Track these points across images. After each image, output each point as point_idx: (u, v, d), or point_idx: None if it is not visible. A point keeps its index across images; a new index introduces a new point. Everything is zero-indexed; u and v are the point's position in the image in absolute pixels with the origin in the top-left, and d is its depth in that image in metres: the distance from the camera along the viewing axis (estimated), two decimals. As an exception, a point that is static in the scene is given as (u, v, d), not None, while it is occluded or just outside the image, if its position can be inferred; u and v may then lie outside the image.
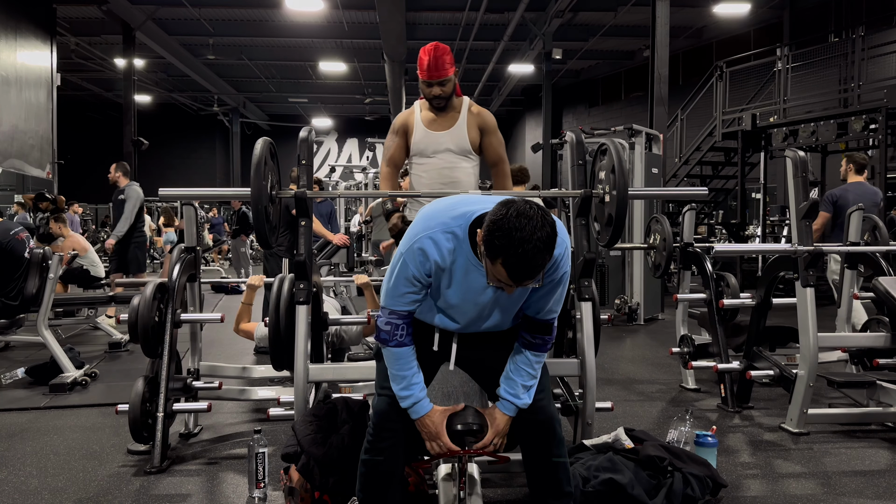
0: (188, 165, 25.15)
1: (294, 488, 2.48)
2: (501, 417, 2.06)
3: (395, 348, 2.01)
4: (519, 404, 2.05)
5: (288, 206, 3.91)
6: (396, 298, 1.99)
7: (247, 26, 15.46)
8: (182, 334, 3.39)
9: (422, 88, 3.11)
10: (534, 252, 1.72)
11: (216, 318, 3.44)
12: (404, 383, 2.01)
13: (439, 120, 3.17)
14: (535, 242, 1.71)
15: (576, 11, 14.15)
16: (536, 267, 1.75)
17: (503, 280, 1.79)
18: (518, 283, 1.78)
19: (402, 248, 1.96)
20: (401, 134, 3.23)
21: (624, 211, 2.78)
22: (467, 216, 1.91)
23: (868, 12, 12.45)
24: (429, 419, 2.01)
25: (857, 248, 4.24)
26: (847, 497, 2.79)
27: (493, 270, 1.79)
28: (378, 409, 2.09)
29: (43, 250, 4.93)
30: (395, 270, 1.97)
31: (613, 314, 7.31)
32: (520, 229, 1.71)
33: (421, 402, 2.02)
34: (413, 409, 2.02)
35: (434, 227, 1.92)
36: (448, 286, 1.98)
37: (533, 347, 2.06)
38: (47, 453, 3.28)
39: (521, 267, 1.73)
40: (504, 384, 2.07)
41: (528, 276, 1.76)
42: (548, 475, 2.12)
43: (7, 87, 10.08)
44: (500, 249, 1.73)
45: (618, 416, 3.76)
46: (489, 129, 3.22)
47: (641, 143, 7.54)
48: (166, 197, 3.07)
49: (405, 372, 2.01)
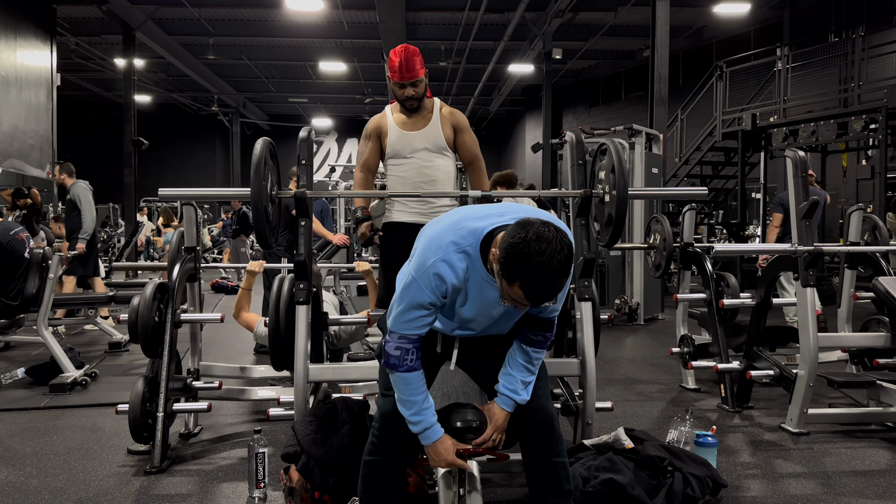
0: (188, 165, 25.15)
1: (294, 488, 2.48)
2: (500, 413, 2.04)
3: (406, 373, 1.94)
4: (518, 400, 2.04)
5: (288, 206, 3.92)
6: (407, 323, 1.92)
7: (247, 26, 15.45)
8: (182, 334, 3.39)
9: (394, 90, 3.16)
10: (553, 276, 1.70)
11: (216, 318, 3.44)
12: (415, 409, 1.96)
13: (412, 121, 3.21)
14: (555, 266, 1.69)
15: (576, 11, 14.14)
16: (555, 290, 1.74)
17: (519, 300, 1.77)
18: (536, 305, 1.78)
19: (415, 272, 1.89)
20: (374, 138, 3.26)
21: (624, 211, 2.78)
22: (477, 233, 1.88)
23: (868, 12, 12.45)
24: (441, 447, 1.98)
25: (857, 249, 4.24)
26: (847, 497, 2.79)
27: (509, 291, 1.76)
28: (383, 410, 2.07)
29: (43, 250, 4.93)
30: (408, 295, 1.90)
31: (613, 314, 7.31)
32: (540, 253, 1.68)
33: (432, 427, 1.97)
34: (424, 435, 1.97)
35: (445, 247, 1.87)
36: (462, 304, 1.96)
37: (533, 344, 2.06)
38: (47, 453, 3.28)
39: (541, 291, 1.72)
40: (503, 380, 2.06)
41: (547, 299, 1.75)
42: (547, 473, 2.12)
43: (7, 87, 10.08)
44: (518, 273, 1.70)
45: (618, 416, 3.76)
46: (462, 128, 3.27)
47: (641, 143, 7.54)
48: (166, 197, 3.07)
49: (416, 397, 1.95)
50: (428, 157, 3.19)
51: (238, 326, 4.23)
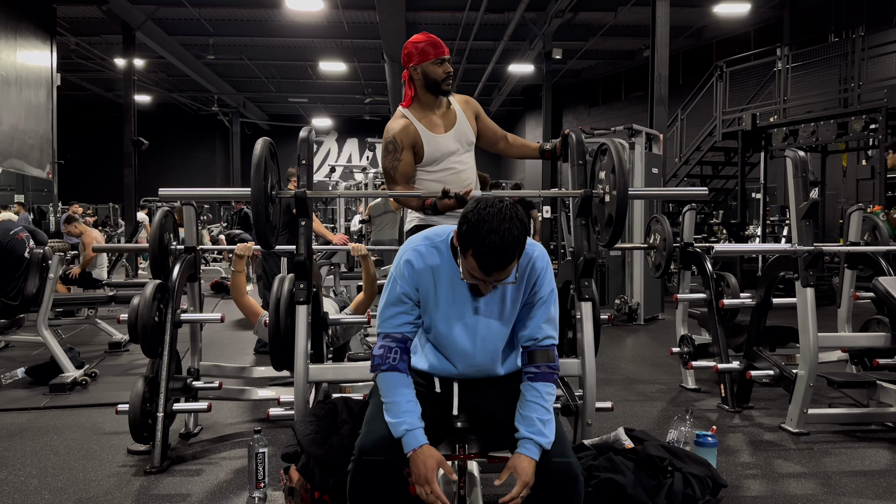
0: (188, 165, 25.15)
1: (294, 488, 2.48)
2: (526, 463, 1.84)
3: (388, 372, 1.91)
4: (543, 442, 1.86)
5: (288, 205, 3.91)
6: (388, 321, 1.97)
7: (247, 26, 15.46)
8: (182, 334, 3.39)
9: (430, 72, 2.88)
10: (502, 242, 1.75)
11: (216, 318, 3.44)
12: (395, 409, 1.88)
13: (440, 122, 3.03)
14: (503, 233, 1.75)
15: (576, 11, 14.14)
16: (506, 256, 1.77)
17: (476, 274, 1.81)
18: (489, 273, 1.80)
19: (393, 269, 2.00)
20: (408, 148, 2.96)
21: (624, 211, 2.78)
22: (448, 231, 1.99)
23: (868, 12, 12.45)
24: (421, 456, 1.83)
25: (857, 249, 4.24)
26: (847, 497, 2.79)
27: (466, 265, 1.83)
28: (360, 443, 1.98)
29: (43, 250, 4.93)
30: (387, 292, 1.99)
31: (613, 314, 7.31)
32: (488, 220, 1.76)
33: (414, 431, 1.85)
34: (405, 440, 1.85)
35: (418, 242, 2.00)
36: (436, 306, 1.97)
37: (541, 378, 1.95)
38: (47, 453, 3.28)
39: (491, 256, 1.77)
40: (521, 426, 1.91)
41: (498, 266, 1.78)
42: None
43: (7, 87, 10.08)
44: (469, 239, 1.78)
45: (618, 416, 3.76)
46: (481, 112, 3.17)
47: (641, 143, 7.54)
48: (166, 197, 3.06)
49: (397, 398, 1.88)
50: (460, 159, 3.03)
51: (238, 326, 4.22)
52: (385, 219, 7.60)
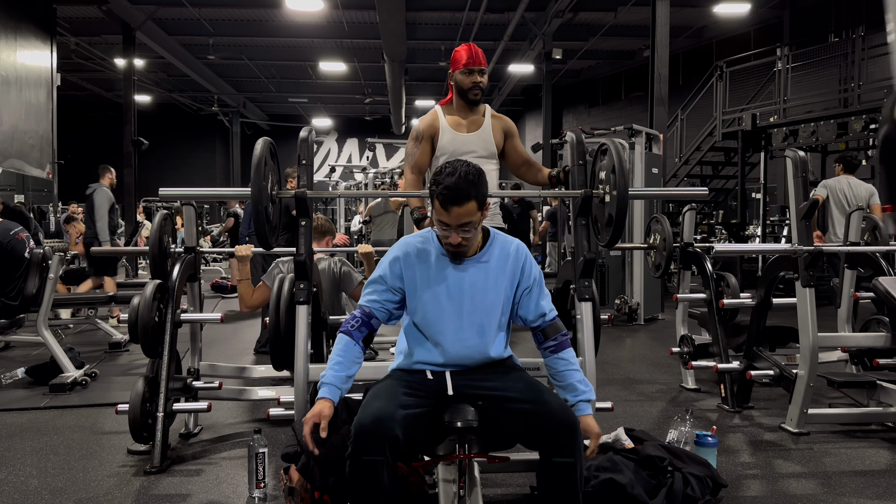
0: (188, 165, 25.13)
1: (294, 488, 2.48)
2: (589, 420, 2.12)
3: (342, 334, 2.16)
4: (591, 398, 2.17)
5: (288, 206, 3.91)
6: (364, 296, 2.23)
7: (247, 26, 15.45)
8: (182, 334, 3.39)
9: (460, 80, 3.15)
10: (457, 179, 2.04)
11: (216, 318, 3.44)
12: (331, 362, 2.11)
13: (465, 123, 3.20)
14: (460, 172, 2.06)
15: (576, 11, 14.14)
16: (461, 192, 2.04)
17: (442, 218, 2.07)
18: (447, 209, 2.04)
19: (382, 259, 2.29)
20: (426, 139, 3.21)
21: (624, 211, 2.78)
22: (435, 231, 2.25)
23: (868, 12, 12.44)
24: (321, 405, 2.01)
25: (857, 249, 4.24)
26: (847, 497, 2.80)
27: (435, 216, 2.10)
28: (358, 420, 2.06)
29: (43, 250, 4.93)
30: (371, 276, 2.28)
31: (613, 314, 7.31)
32: (449, 164, 2.12)
33: (331, 385, 2.05)
34: (321, 389, 2.06)
35: (411, 236, 2.30)
36: (425, 283, 2.17)
37: (560, 348, 2.22)
38: (47, 453, 3.28)
39: (448, 191, 2.04)
40: (564, 393, 2.18)
41: (454, 201, 2.03)
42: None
43: (7, 87, 10.07)
44: (434, 184, 2.09)
45: (618, 416, 3.76)
46: (513, 132, 3.31)
47: (641, 143, 7.53)
48: (166, 197, 3.06)
49: (338, 357, 2.11)
50: (477, 162, 3.12)
51: (237, 327, 4.22)
52: (385, 219, 7.60)
